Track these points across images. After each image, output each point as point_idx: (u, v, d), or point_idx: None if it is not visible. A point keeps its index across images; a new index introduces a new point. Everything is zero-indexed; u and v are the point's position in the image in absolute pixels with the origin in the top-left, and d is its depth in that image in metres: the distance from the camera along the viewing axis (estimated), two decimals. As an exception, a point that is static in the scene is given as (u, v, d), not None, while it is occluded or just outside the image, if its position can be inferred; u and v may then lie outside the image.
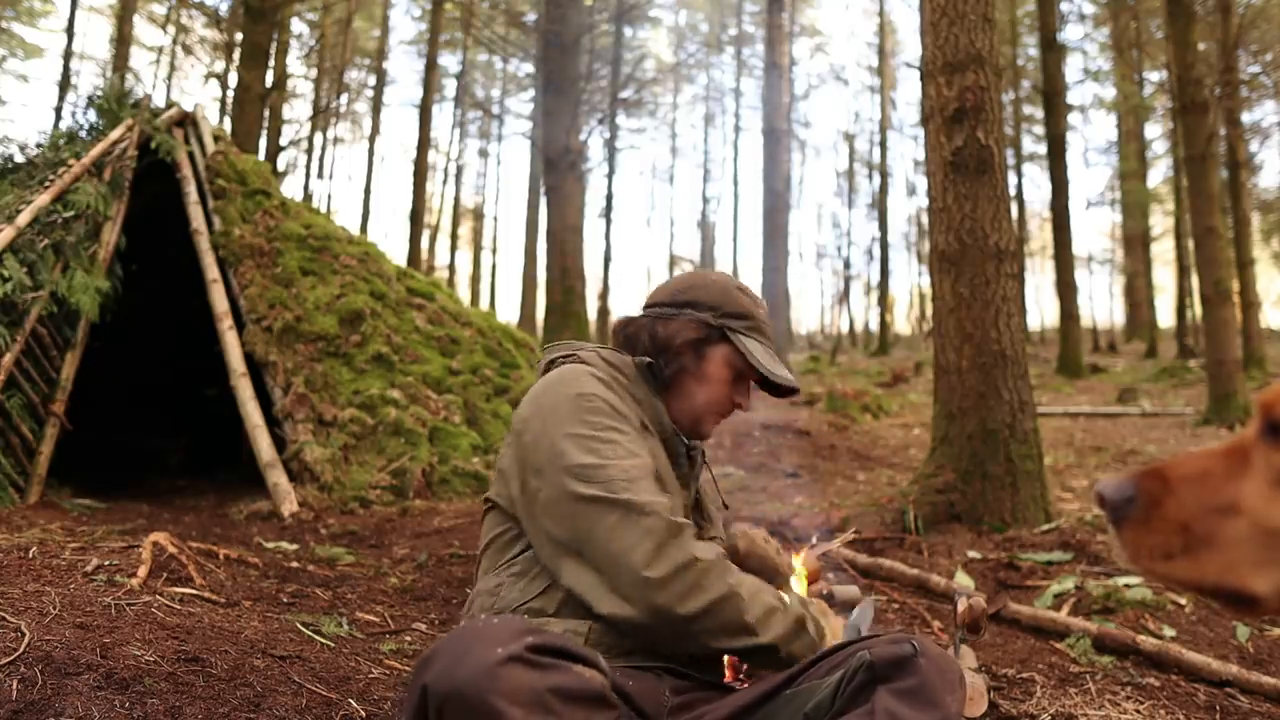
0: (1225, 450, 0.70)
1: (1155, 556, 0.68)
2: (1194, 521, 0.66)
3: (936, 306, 4.79)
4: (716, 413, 1.55)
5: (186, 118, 5.87)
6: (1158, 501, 0.68)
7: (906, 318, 44.28)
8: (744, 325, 1.54)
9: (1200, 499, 0.67)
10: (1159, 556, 0.67)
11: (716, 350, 1.54)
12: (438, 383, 5.58)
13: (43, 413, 4.46)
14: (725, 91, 36.64)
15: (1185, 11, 9.97)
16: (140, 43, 23.07)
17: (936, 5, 4.72)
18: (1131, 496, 0.69)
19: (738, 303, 1.56)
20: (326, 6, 20.37)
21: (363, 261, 6.08)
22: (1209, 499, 0.67)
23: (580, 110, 12.13)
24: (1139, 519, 0.69)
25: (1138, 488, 0.70)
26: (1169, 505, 0.68)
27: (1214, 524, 0.66)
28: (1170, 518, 0.67)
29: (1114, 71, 22.81)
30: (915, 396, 14.52)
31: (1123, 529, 0.70)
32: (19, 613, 1.92)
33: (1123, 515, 0.70)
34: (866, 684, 1.09)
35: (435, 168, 31.35)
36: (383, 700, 2.03)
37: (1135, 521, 0.69)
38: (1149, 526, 0.68)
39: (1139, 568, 0.69)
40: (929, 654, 1.11)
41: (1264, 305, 22.20)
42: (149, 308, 6.19)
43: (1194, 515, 0.67)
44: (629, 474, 1.29)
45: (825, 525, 4.64)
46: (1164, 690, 2.40)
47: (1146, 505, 0.69)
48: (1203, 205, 9.78)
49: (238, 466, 5.65)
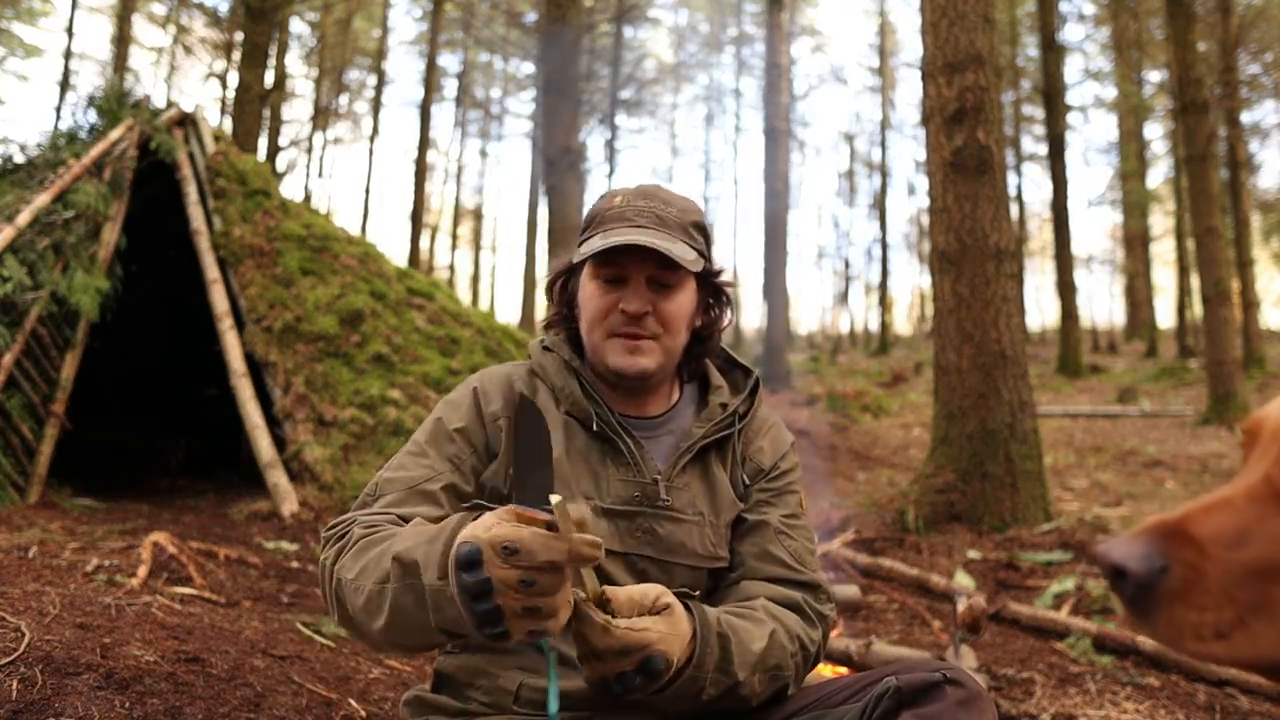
0: (1251, 495, 0.59)
1: (1206, 637, 0.56)
2: (1239, 589, 0.56)
3: (936, 306, 4.79)
4: (604, 331, 1.27)
5: (186, 118, 5.87)
6: (1197, 570, 0.57)
7: (906, 318, 44.31)
8: (588, 233, 1.30)
9: (1244, 562, 0.56)
10: (1211, 636, 0.56)
11: (578, 277, 1.33)
12: (438, 383, 5.58)
13: (43, 413, 4.46)
14: (725, 91, 36.65)
15: (1185, 11, 9.98)
16: (140, 43, 23.07)
17: (936, 5, 4.73)
18: (1164, 567, 0.57)
19: (590, 215, 1.33)
20: (326, 6, 20.37)
21: (363, 261, 6.08)
22: (1255, 560, 0.56)
23: (580, 110, 12.14)
24: (1176, 593, 0.57)
25: (1170, 556, 0.57)
26: (1211, 573, 0.56)
27: (1267, 590, 0.56)
28: (1214, 589, 0.56)
29: (1114, 71, 22.81)
30: (915, 396, 14.53)
31: (1159, 607, 0.57)
32: (19, 613, 1.92)
33: (1153, 590, 0.57)
34: (891, 710, 1.06)
35: (435, 168, 31.40)
36: (383, 700, 2.03)
37: (1173, 597, 0.57)
38: (1192, 602, 0.56)
39: (1186, 651, 0.58)
40: (958, 681, 1.07)
41: (1264, 305, 22.22)
42: (149, 308, 6.19)
43: (1239, 582, 0.56)
44: (376, 485, 1.26)
45: (825, 525, 4.64)
46: (1164, 690, 2.40)
47: (1185, 577, 0.57)
48: (1203, 205, 9.78)
49: (238, 466, 5.65)
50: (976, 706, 1.05)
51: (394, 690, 2.10)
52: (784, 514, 1.32)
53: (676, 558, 1.25)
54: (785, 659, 1.17)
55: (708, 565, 1.28)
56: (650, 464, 1.29)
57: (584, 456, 1.28)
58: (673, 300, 1.27)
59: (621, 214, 1.27)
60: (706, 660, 1.07)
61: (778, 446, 1.39)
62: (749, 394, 1.40)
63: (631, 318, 1.25)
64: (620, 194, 1.31)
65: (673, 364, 1.33)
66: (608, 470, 1.27)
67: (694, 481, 1.31)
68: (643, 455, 1.29)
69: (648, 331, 1.27)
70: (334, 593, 1.13)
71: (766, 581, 1.26)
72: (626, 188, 1.34)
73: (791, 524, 1.32)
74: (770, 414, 1.44)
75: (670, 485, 1.28)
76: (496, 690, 1.21)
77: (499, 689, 1.21)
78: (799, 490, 1.38)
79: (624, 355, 1.27)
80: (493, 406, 1.30)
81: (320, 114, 24.49)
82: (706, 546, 1.28)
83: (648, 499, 1.26)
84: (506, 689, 1.20)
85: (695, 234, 1.30)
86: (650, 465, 1.29)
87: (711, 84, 37.05)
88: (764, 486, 1.34)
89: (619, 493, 1.26)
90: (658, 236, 1.23)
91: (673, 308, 1.27)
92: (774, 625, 1.17)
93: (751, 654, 1.12)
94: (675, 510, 1.27)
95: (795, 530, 1.31)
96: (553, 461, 1.10)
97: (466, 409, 1.30)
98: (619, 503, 1.26)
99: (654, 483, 1.27)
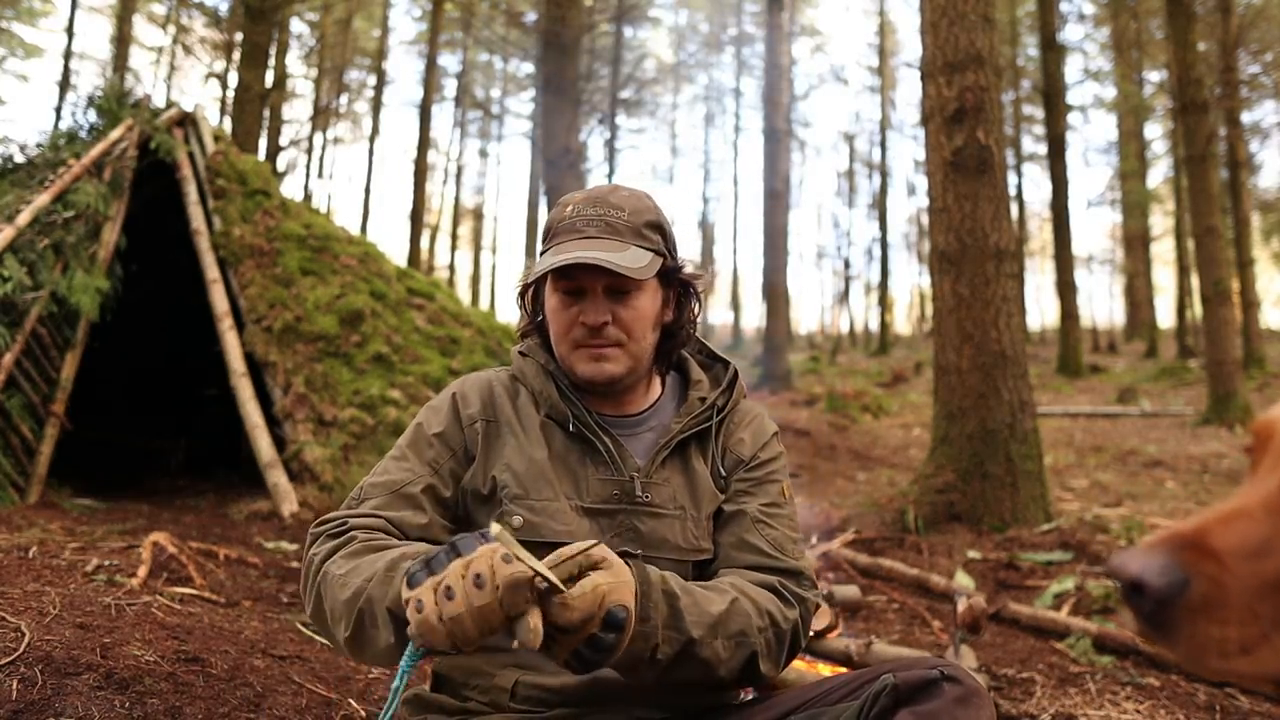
0: (1268, 506, 0.58)
1: (1230, 653, 0.54)
2: (1262, 603, 0.54)
3: (936, 306, 4.79)
4: (569, 343, 1.29)
5: (186, 118, 5.87)
6: (1218, 583, 0.55)
7: (906, 318, 44.32)
8: (545, 245, 1.31)
9: (1266, 575, 0.55)
10: (1235, 652, 0.54)
11: (545, 285, 1.35)
12: (438, 383, 5.58)
13: (43, 413, 4.46)
14: (725, 91, 36.67)
15: (1185, 11, 9.98)
16: (140, 43, 23.08)
17: (936, 5, 4.73)
18: (1184, 580, 0.55)
19: (546, 225, 1.34)
20: (326, 6, 20.38)
21: (363, 261, 6.08)
22: (1278, 573, 0.55)
23: (580, 110, 12.13)
24: (1197, 608, 0.55)
25: (1190, 569, 0.55)
26: (1232, 586, 0.55)
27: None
28: (1237, 603, 0.54)
29: (1114, 71, 22.82)
30: (915, 396, 14.53)
31: (1179, 623, 0.55)
32: (19, 613, 1.92)
33: (1172, 605, 0.55)
34: (889, 708, 1.06)
35: (435, 168, 31.40)
36: (382, 700, 2.03)
37: (1194, 612, 0.55)
38: (1214, 617, 0.54)
39: (1209, 668, 0.56)
40: (955, 678, 1.06)
41: (1264, 305, 22.22)
42: (149, 308, 6.19)
43: (1262, 595, 0.55)
44: (360, 488, 1.30)
45: (825, 525, 4.64)
46: (1164, 690, 2.40)
47: (1206, 591, 0.55)
48: (1203, 205, 9.78)
49: (238, 466, 5.65)
50: (974, 704, 1.05)
51: (394, 690, 2.10)
52: (763, 503, 1.33)
53: (659, 553, 1.26)
54: (750, 628, 1.16)
55: (691, 558, 1.29)
56: (629, 462, 1.31)
57: (563, 458, 1.30)
58: (632, 306, 1.28)
59: (572, 225, 1.28)
60: (652, 613, 1.06)
61: (758, 437, 1.39)
62: (727, 387, 1.40)
63: (592, 329, 1.27)
64: (571, 203, 1.32)
65: (643, 365, 1.34)
66: (587, 470, 1.29)
67: (674, 476, 1.32)
68: (621, 454, 1.31)
69: (610, 340, 1.28)
70: (315, 586, 1.16)
71: (744, 569, 1.27)
72: (578, 194, 1.34)
73: (771, 512, 1.32)
74: (754, 405, 1.45)
75: (649, 481, 1.29)
76: (493, 689, 1.22)
77: (495, 687, 1.22)
78: (781, 480, 1.38)
79: (590, 364, 1.29)
80: (470, 409, 1.33)
81: (320, 114, 24.50)
82: (689, 540, 1.29)
83: (627, 496, 1.28)
84: (503, 687, 1.22)
85: (650, 234, 1.30)
86: (629, 463, 1.30)
87: (711, 84, 37.09)
88: (743, 477, 1.35)
89: (598, 492, 1.28)
90: (607, 248, 1.24)
91: (632, 314, 1.28)
92: (736, 595, 1.17)
93: (708, 615, 1.12)
94: (655, 506, 1.29)
95: (775, 519, 1.32)
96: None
97: (445, 414, 1.33)
98: (599, 501, 1.28)
99: (632, 480, 1.29)
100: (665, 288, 1.35)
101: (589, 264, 1.21)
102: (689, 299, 1.39)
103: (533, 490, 1.25)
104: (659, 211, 1.35)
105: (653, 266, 1.27)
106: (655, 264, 1.28)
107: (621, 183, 1.40)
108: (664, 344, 1.38)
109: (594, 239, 1.25)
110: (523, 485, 1.25)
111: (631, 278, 1.24)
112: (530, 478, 1.26)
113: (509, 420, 1.32)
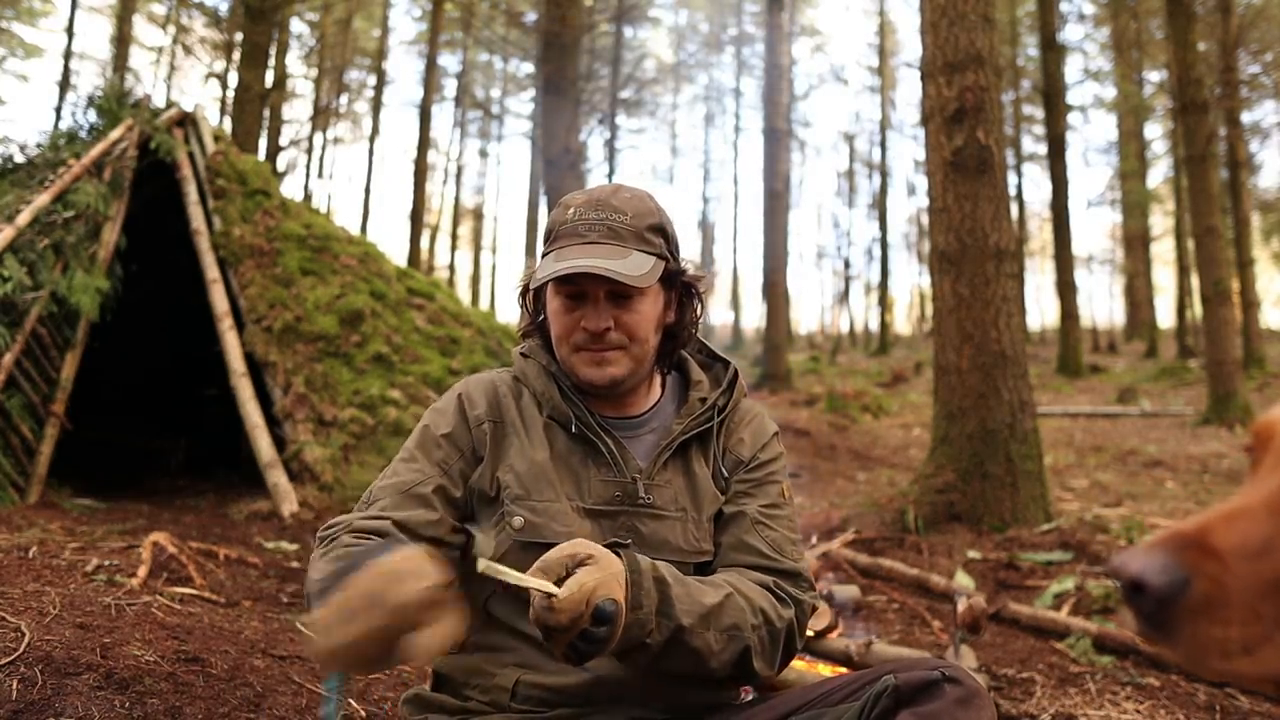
0: (1270, 505, 0.58)
1: (1232, 653, 0.54)
2: (1265, 603, 0.54)
3: (936, 306, 4.79)
4: (571, 346, 1.29)
5: (186, 118, 5.86)
6: (1220, 583, 0.54)
7: (906, 318, 44.33)
8: (547, 248, 1.30)
9: (1268, 574, 0.54)
10: (1237, 652, 0.54)
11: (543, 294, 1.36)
12: (438, 383, 5.58)
13: (43, 413, 4.46)
14: (725, 91, 36.67)
15: (1185, 11, 9.98)
16: (140, 43, 23.08)
17: (936, 5, 4.73)
18: (1185, 580, 0.55)
19: (547, 227, 1.33)
20: (326, 6, 20.39)
21: (363, 261, 6.09)
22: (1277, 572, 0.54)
23: (580, 110, 12.13)
24: (1199, 608, 0.54)
25: (1191, 569, 0.55)
26: (1234, 586, 0.54)
27: None
28: (1239, 603, 0.54)
29: (1114, 71, 22.82)
30: (915, 396, 14.53)
31: (1180, 623, 0.55)
32: (19, 613, 1.92)
33: (1173, 605, 0.55)
34: (890, 709, 1.06)
35: (435, 168, 31.39)
36: (382, 700, 2.03)
37: (1195, 612, 0.54)
38: (1216, 617, 0.54)
39: (1210, 669, 0.55)
40: (956, 679, 1.07)
41: (1264, 305, 22.23)
42: (149, 308, 6.19)
43: (1264, 595, 0.54)
44: (370, 491, 1.30)
45: (825, 525, 4.64)
46: (1164, 690, 2.40)
47: (1208, 590, 0.54)
48: (1203, 205, 9.78)
49: (238, 466, 5.65)
50: (975, 704, 1.05)
51: (394, 690, 2.10)
52: (763, 504, 1.32)
53: (660, 554, 1.25)
54: (744, 623, 1.16)
55: (692, 560, 1.28)
56: (631, 463, 1.30)
57: (565, 459, 1.30)
58: (634, 311, 1.28)
59: (574, 229, 1.27)
60: (644, 600, 1.07)
61: (758, 437, 1.39)
62: (727, 386, 1.40)
63: (594, 334, 1.27)
64: (573, 204, 1.31)
65: (645, 367, 1.34)
66: (589, 471, 1.29)
67: (675, 477, 1.32)
68: (623, 455, 1.30)
69: (612, 344, 1.28)
70: (306, 590, 1.17)
71: (741, 569, 1.27)
72: (579, 195, 1.33)
73: (771, 514, 1.32)
74: (754, 405, 1.45)
75: (651, 483, 1.29)
76: (494, 689, 1.23)
77: (496, 687, 1.22)
78: (781, 480, 1.38)
79: (592, 368, 1.29)
80: (477, 410, 1.33)
81: (320, 114, 24.51)
82: (690, 541, 1.29)
83: (629, 498, 1.28)
84: (503, 686, 1.22)
85: (652, 238, 1.29)
86: (631, 464, 1.30)
87: (711, 84, 37.10)
88: (743, 478, 1.35)
89: (600, 493, 1.28)
90: (609, 254, 1.23)
91: (634, 318, 1.28)
92: (730, 589, 1.18)
93: (700, 605, 1.13)
94: (657, 507, 1.28)
95: (775, 520, 1.32)
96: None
97: (452, 415, 1.33)
98: (600, 503, 1.27)
99: (634, 481, 1.28)
100: (667, 290, 1.34)
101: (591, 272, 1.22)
102: (691, 300, 1.38)
103: (534, 491, 1.25)
104: (661, 213, 1.34)
105: (655, 272, 1.27)
106: (658, 269, 1.28)
107: (623, 183, 1.40)
108: (666, 345, 1.37)
109: (596, 244, 1.24)
110: (524, 486, 1.26)
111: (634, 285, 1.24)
112: (532, 478, 1.26)
113: (513, 421, 1.32)
